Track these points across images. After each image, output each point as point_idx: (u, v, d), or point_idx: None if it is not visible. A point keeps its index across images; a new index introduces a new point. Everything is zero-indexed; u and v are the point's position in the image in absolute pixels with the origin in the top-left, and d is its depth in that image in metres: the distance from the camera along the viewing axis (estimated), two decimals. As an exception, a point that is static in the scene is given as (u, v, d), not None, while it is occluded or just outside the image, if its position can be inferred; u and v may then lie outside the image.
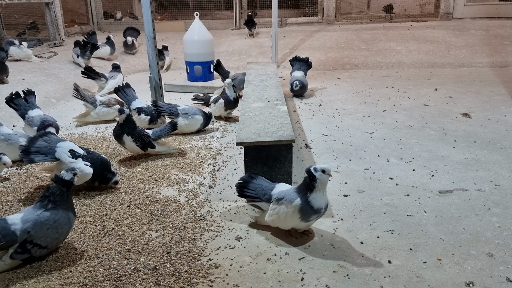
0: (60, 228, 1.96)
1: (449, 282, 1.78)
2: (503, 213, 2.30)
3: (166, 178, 2.81)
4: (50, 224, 1.93)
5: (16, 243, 1.88)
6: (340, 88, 5.36)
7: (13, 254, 1.88)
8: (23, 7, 8.51)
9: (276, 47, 6.48)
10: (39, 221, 1.91)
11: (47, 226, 1.92)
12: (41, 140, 2.59)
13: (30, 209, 1.97)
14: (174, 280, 1.81)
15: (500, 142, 3.35)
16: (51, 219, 1.93)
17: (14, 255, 1.88)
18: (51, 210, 1.95)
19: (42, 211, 1.94)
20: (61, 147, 2.58)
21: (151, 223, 2.26)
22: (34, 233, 1.90)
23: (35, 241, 1.90)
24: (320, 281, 1.80)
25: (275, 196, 2.10)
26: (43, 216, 1.93)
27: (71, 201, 2.06)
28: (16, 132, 3.19)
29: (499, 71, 6.11)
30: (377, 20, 8.98)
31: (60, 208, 1.97)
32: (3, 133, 3.10)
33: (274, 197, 2.11)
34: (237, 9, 8.95)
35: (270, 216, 2.10)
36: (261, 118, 2.79)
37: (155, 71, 4.12)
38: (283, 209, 2.03)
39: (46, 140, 2.61)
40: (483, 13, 8.50)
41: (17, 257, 1.89)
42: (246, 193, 2.24)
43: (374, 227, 2.20)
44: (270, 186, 2.19)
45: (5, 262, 1.89)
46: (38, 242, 1.91)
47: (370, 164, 2.99)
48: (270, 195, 2.13)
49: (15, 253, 1.88)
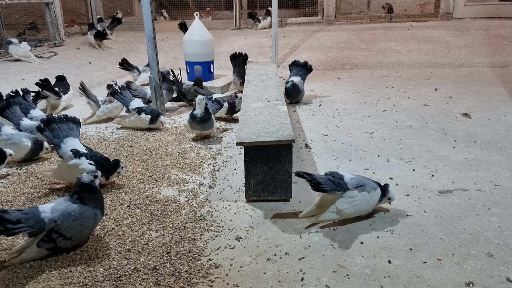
0: (84, 221, 2.01)
1: (449, 282, 1.78)
2: (503, 213, 2.30)
3: (166, 178, 2.81)
4: (76, 216, 1.99)
5: (43, 231, 1.94)
6: (340, 88, 5.36)
7: (39, 242, 1.94)
8: (23, 7, 8.51)
9: (276, 47, 6.48)
10: (66, 211, 1.98)
11: (73, 217, 1.98)
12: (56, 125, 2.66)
13: (61, 200, 2.06)
14: (174, 280, 1.81)
15: (500, 142, 3.35)
16: (77, 212, 2.00)
17: (41, 243, 1.95)
18: (78, 204, 2.02)
19: (70, 203, 2.02)
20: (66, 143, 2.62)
21: (151, 223, 2.26)
22: (60, 223, 1.96)
23: (60, 231, 1.96)
24: (320, 281, 1.80)
25: (354, 184, 2.19)
26: (70, 207, 2.00)
27: (100, 199, 2.12)
28: (19, 133, 3.17)
29: (499, 71, 6.11)
30: (377, 20, 8.98)
31: (87, 204, 2.04)
32: (6, 133, 3.10)
33: (353, 185, 2.19)
34: (237, 9, 8.95)
35: (348, 203, 2.16)
36: (261, 118, 2.79)
37: (155, 71, 4.12)
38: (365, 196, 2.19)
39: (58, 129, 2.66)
40: (483, 13, 8.50)
41: (43, 246, 1.95)
42: (323, 187, 2.19)
43: (374, 227, 2.20)
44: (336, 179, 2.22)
45: (32, 250, 1.95)
46: (63, 232, 1.96)
47: (370, 164, 2.99)
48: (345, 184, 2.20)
49: (41, 241, 1.94)
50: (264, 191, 2.46)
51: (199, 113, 3.32)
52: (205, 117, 3.34)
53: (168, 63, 7.04)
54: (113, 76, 6.25)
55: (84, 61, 6.46)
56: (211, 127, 3.45)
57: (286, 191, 2.46)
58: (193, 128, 3.43)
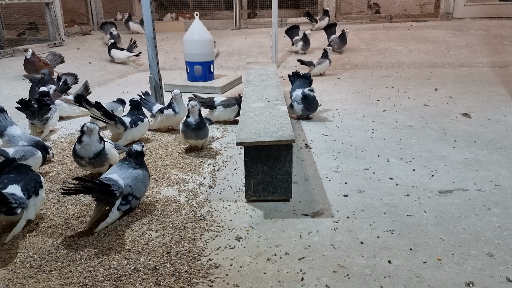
0: (146, 182, 2.44)
1: (449, 282, 1.78)
2: (503, 213, 2.30)
3: (166, 178, 2.81)
4: (141, 179, 2.39)
5: (122, 195, 2.26)
6: (340, 88, 5.36)
7: (119, 206, 2.25)
8: (23, 7, 8.52)
9: (276, 47, 6.48)
10: (134, 176, 2.36)
11: (140, 180, 2.38)
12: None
13: (118, 170, 2.39)
14: (174, 280, 1.81)
15: (500, 142, 3.35)
16: (141, 175, 2.40)
17: (120, 206, 2.25)
18: (138, 168, 2.41)
19: (132, 169, 2.39)
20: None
21: (151, 223, 2.27)
22: (134, 187, 2.32)
23: (134, 193, 2.32)
24: (320, 281, 1.80)
25: None
26: (136, 173, 2.38)
27: (145, 163, 2.51)
28: (21, 135, 3.06)
29: (499, 71, 6.11)
30: (377, 20, 8.99)
31: (143, 167, 2.45)
32: (10, 133, 3.04)
33: None
34: (237, 9, 8.96)
35: None
36: (261, 118, 2.79)
37: (155, 71, 4.13)
38: None
39: None
40: (483, 13, 8.50)
41: (122, 208, 2.26)
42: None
43: (374, 227, 2.20)
44: None
45: (114, 214, 2.23)
46: (135, 194, 2.33)
47: (370, 164, 2.99)
48: None
49: (120, 204, 2.25)
50: (264, 191, 2.46)
51: (194, 120, 3.12)
52: (201, 125, 3.15)
53: (168, 63, 7.05)
54: (113, 76, 6.26)
55: (84, 61, 6.46)
56: (206, 135, 3.24)
57: (286, 191, 2.46)
58: (187, 137, 3.19)
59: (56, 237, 2.15)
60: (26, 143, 2.93)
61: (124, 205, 2.26)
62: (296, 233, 2.16)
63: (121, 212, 2.27)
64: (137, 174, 2.37)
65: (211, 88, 5.26)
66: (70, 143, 3.52)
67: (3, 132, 3.08)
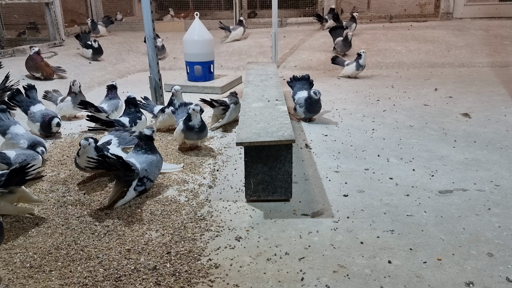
0: (159, 165, 2.66)
1: (449, 282, 1.78)
2: (503, 213, 2.30)
3: (166, 178, 2.81)
4: (155, 163, 2.60)
5: (138, 177, 2.48)
6: (340, 88, 5.36)
7: (135, 187, 2.46)
8: (23, 7, 8.52)
9: (276, 47, 6.48)
10: (149, 160, 2.57)
11: (154, 164, 2.60)
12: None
13: (134, 155, 2.60)
14: (174, 280, 1.81)
15: (500, 142, 3.35)
16: (155, 159, 2.61)
17: (136, 187, 2.47)
18: (151, 153, 2.62)
19: (147, 154, 2.60)
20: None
21: (151, 223, 2.27)
22: (149, 170, 2.54)
23: (148, 176, 2.53)
24: (320, 281, 1.80)
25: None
26: (151, 157, 2.60)
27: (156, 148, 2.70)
28: (24, 133, 3.12)
29: (499, 71, 6.11)
30: (377, 20, 8.98)
31: (155, 151, 2.66)
32: (13, 132, 3.10)
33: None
34: (237, 9, 8.95)
35: None
36: (261, 118, 2.79)
37: (155, 71, 4.13)
38: None
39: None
40: (483, 13, 8.49)
41: (138, 189, 2.48)
42: None
43: (374, 227, 2.20)
44: None
45: (131, 193, 2.45)
46: (150, 177, 2.55)
47: (370, 164, 2.99)
48: None
49: (136, 185, 2.47)
50: (264, 191, 2.46)
51: (197, 123, 3.15)
52: (203, 127, 3.21)
53: (168, 63, 7.05)
54: (113, 76, 6.26)
55: (84, 61, 6.46)
56: (206, 135, 3.32)
57: (286, 191, 2.46)
58: (188, 138, 3.22)
59: (56, 237, 2.15)
60: (27, 141, 3.02)
61: (139, 186, 2.48)
62: (296, 233, 2.16)
63: (137, 192, 2.49)
64: (151, 159, 2.59)
65: (211, 88, 5.26)
66: (70, 143, 3.52)
67: (6, 131, 3.15)
